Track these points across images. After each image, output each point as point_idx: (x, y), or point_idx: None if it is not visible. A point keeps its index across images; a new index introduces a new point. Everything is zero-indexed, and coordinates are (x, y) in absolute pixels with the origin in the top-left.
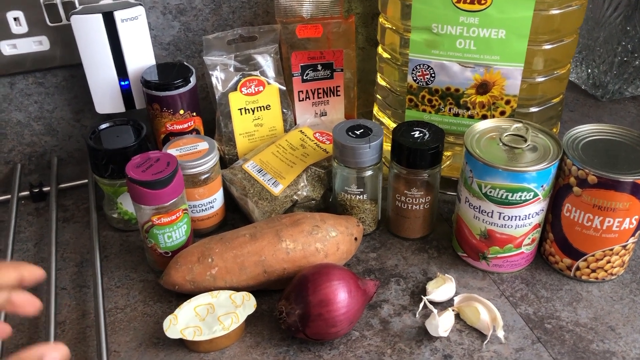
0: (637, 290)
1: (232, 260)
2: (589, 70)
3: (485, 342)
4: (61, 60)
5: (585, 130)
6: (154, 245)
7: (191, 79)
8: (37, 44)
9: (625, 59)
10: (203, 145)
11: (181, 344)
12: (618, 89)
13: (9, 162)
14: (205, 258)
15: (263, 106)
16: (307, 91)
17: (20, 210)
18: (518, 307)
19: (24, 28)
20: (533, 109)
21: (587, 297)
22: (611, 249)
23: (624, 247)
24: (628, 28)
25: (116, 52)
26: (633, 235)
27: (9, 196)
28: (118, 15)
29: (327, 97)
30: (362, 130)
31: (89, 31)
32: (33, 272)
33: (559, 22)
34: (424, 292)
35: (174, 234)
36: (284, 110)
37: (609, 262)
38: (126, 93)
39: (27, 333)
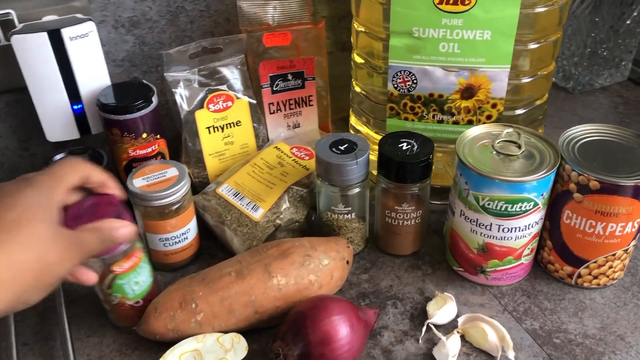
0: (639, 293)
1: (219, 304)
2: (559, 63)
3: None
4: (2, 84)
5: (580, 131)
6: (122, 299)
7: (153, 98)
8: None
9: (594, 50)
10: (172, 171)
11: None
12: (588, 81)
13: None
14: (188, 304)
15: (233, 122)
16: (278, 103)
17: None
18: (523, 322)
19: None
20: (519, 111)
21: (591, 305)
22: (613, 254)
23: (626, 250)
24: (597, 19)
25: (66, 73)
26: (634, 238)
27: None
28: (66, 32)
29: (300, 107)
30: (346, 145)
31: (33, 52)
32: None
33: (544, 19)
34: (424, 314)
35: (139, 277)
36: (255, 125)
37: (610, 267)
38: (80, 117)
39: None
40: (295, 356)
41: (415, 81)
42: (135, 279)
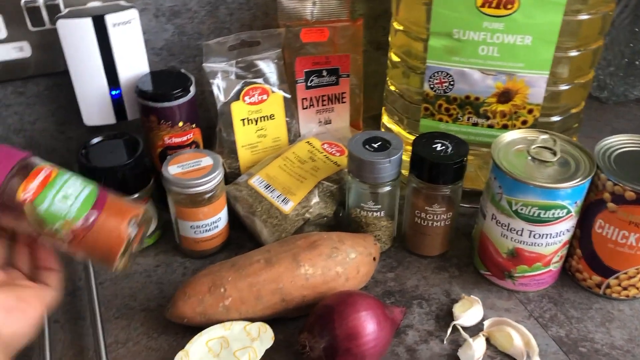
0: None
1: (247, 290)
2: (595, 72)
3: None
4: (44, 67)
5: (616, 141)
6: (67, 224)
7: (191, 88)
8: (18, 50)
9: (631, 61)
10: (207, 160)
11: None
12: (623, 92)
13: None
14: (217, 288)
15: (267, 116)
16: (311, 98)
17: None
18: (549, 329)
19: (2, 33)
20: (554, 118)
21: (619, 316)
22: None
23: None
24: (636, 29)
25: (107, 59)
26: None
27: None
28: (109, 19)
29: (332, 104)
30: (380, 143)
31: (77, 37)
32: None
33: (586, 27)
34: (449, 315)
35: (65, 190)
36: (288, 120)
37: None
38: (117, 103)
39: None
40: (321, 349)
41: (452, 83)
42: (60, 194)
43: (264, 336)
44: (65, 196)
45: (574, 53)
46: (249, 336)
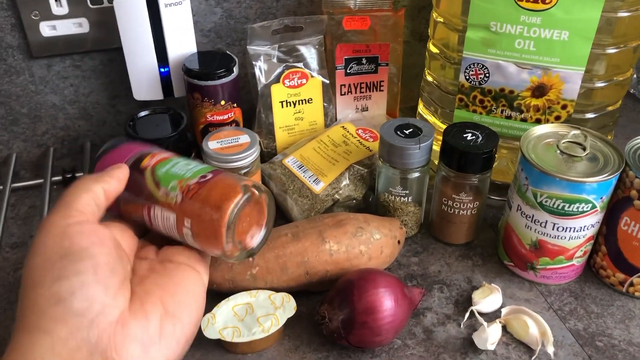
0: None
1: (274, 261)
2: (636, 71)
3: (533, 358)
4: (100, 43)
5: None
6: (181, 182)
7: (234, 68)
8: (77, 26)
9: None
10: (244, 138)
11: (218, 344)
12: None
13: (42, 146)
14: None
15: (305, 99)
16: (349, 85)
17: (53, 195)
18: (567, 321)
19: (64, 9)
20: (589, 115)
21: None
22: None
23: None
24: None
25: (157, 37)
26: None
27: (41, 180)
28: (162, 0)
29: (370, 91)
30: (411, 129)
31: (131, 15)
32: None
33: (626, 25)
34: (468, 301)
35: (189, 161)
36: (326, 105)
37: None
38: (165, 80)
39: None
40: (339, 320)
41: (487, 75)
42: (184, 161)
43: (287, 305)
44: (186, 164)
45: (611, 50)
46: (272, 304)
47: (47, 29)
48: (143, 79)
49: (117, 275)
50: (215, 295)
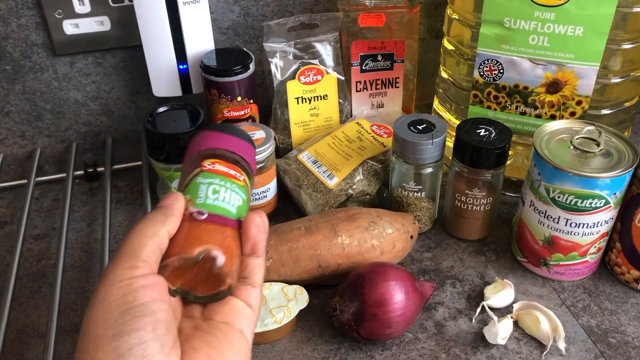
0: None
1: (287, 253)
2: None
3: (545, 353)
4: (121, 41)
5: None
6: (187, 204)
7: (250, 65)
8: (99, 24)
9: None
10: (260, 133)
11: None
12: None
13: (65, 141)
14: None
15: (320, 96)
16: (365, 82)
17: (75, 189)
18: (580, 318)
19: (86, 8)
20: (605, 112)
21: None
22: None
23: None
24: None
25: (176, 35)
26: None
27: (64, 175)
28: None
29: (385, 88)
30: (424, 125)
31: (151, 13)
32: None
33: None
34: (480, 296)
35: (223, 191)
36: (341, 101)
37: None
38: (184, 77)
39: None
40: (350, 312)
41: (501, 71)
42: (217, 187)
43: (300, 298)
44: (215, 190)
45: (627, 46)
46: (285, 296)
47: (70, 27)
48: (162, 75)
49: (172, 332)
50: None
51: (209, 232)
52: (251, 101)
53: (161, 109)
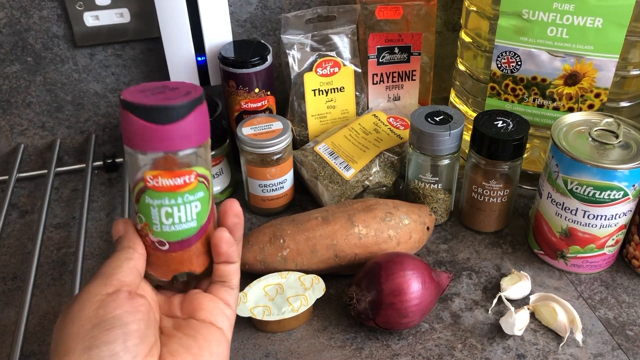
0: None
1: (304, 243)
2: None
3: (562, 345)
4: (140, 33)
5: None
6: (145, 227)
7: (268, 57)
8: (119, 16)
9: None
10: (277, 125)
11: (249, 322)
12: None
13: (84, 132)
14: (277, 239)
15: (337, 88)
16: (381, 74)
17: (94, 179)
18: (597, 310)
19: (107, 0)
20: (624, 104)
21: None
22: None
23: None
24: None
25: (195, 27)
26: None
27: (83, 165)
28: None
29: (402, 81)
30: (442, 117)
31: (170, 5)
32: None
33: None
34: (497, 288)
35: (176, 211)
36: (357, 93)
37: None
38: (202, 69)
39: None
40: (367, 301)
41: (519, 63)
42: (169, 209)
43: (316, 287)
44: (169, 214)
45: None
46: (302, 285)
47: (90, 19)
48: (181, 67)
49: (146, 342)
50: (247, 276)
51: (176, 260)
52: (268, 93)
53: None
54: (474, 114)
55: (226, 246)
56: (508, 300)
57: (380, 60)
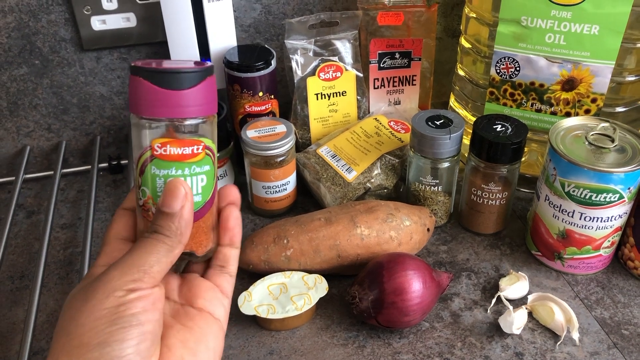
0: None
1: (307, 243)
2: None
3: (559, 343)
4: (146, 37)
5: None
6: (147, 202)
7: (272, 61)
8: (125, 21)
9: None
10: (281, 127)
11: (253, 320)
12: None
13: (90, 134)
14: (281, 239)
15: (339, 92)
16: (382, 79)
17: (99, 181)
18: (593, 310)
19: (114, 4)
20: (619, 109)
21: None
22: None
23: None
24: None
25: (200, 31)
26: None
27: (89, 167)
28: None
29: (403, 86)
30: (442, 120)
31: (176, 10)
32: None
33: None
34: (495, 288)
35: (189, 181)
36: (359, 98)
37: None
38: None
39: None
40: (369, 300)
41: (518, 68)
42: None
43: (320, 286)
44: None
45: None
46: (305, 285)
47: (97, 23)
48: None
49: (156, 343)
50: (251, 275)
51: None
52: (272, 97)
53: None
54: (474, 118)
55: (235, 221)
56: (506, 300)
57: (381, 65)
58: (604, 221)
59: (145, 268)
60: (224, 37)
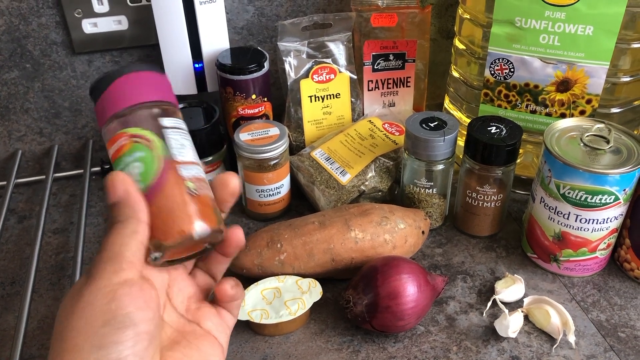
0: None
1: (301, 247)
2: None
3: (555, 346)
4: (137, 40)
5: None
6: None
7: (265, 64)
8: (117, 23)
9: None
10: (274, 130)
11: (246, 326)
12: None
13: (82, 138)
14: (274, 243)
15: (333, 94)
16: (376, 81)
17: (92, 185)
18: (589, 312)
19: (105, 7)
20: (614, 110)
21: None
22: None
23: None
24: None
25: (192, 34)
26: None
27: (81, 171)
28: None
29: (397, 87)
30: (436, 123)
31: (168, 12)
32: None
33: None
34: (491, 291)
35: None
36: (353, 100)
37: None
38: (199, 75)
39: None
40: (363, 304)
41: (512, 70)
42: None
43: (314, 290)
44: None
45: (636, 45)
46: (299, 289)
47: (88, 26)
48: (178, 74)
49: (154, 344)
50: (244, 280)
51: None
52: (265, 99)
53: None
54: (468, 120)
55: (232, 197)
56: (502, 303)
57: (375, 67)
58: (600, 223)
59: (119, 258)
60: (216, 39)
